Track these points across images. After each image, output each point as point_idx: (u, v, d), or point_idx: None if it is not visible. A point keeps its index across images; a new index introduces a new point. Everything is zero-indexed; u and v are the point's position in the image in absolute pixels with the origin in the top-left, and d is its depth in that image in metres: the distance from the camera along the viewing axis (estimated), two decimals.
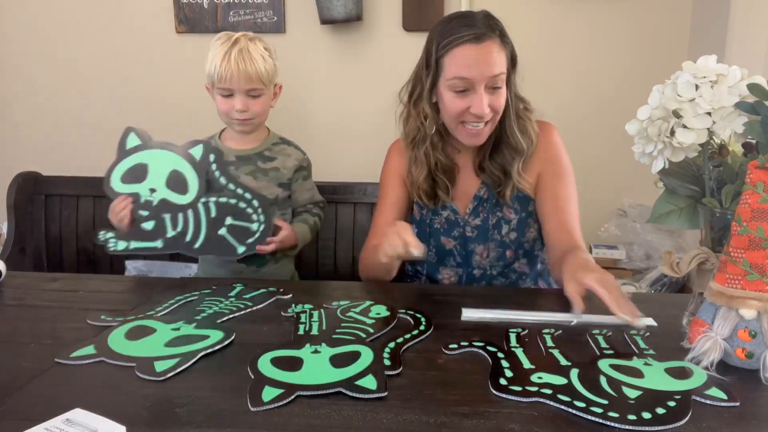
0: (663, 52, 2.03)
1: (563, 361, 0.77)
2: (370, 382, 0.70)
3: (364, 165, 1.67)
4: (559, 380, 0.71)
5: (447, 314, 0.95)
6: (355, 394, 0.68)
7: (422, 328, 0.89)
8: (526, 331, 0.88)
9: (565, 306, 0.98)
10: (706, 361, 0.74)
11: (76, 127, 2.19)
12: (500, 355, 0.79)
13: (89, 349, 0.81)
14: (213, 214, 1.21)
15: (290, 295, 1.04)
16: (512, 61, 1.16)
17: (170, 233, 1.21)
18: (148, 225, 1.20)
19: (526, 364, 0.76)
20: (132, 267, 1.84)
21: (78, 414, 0.62)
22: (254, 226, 1.23)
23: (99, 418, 0.61)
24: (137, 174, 1.21)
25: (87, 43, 2.14)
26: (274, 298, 1.03)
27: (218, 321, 0.92)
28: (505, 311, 0.95)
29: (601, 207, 2.14)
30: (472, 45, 1.09)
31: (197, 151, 1.20)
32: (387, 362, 0.76)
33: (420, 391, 0.70)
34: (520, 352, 0.80)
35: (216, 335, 0.85)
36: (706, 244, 0.86)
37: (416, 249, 1.00)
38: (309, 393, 0.68)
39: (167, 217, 1.20)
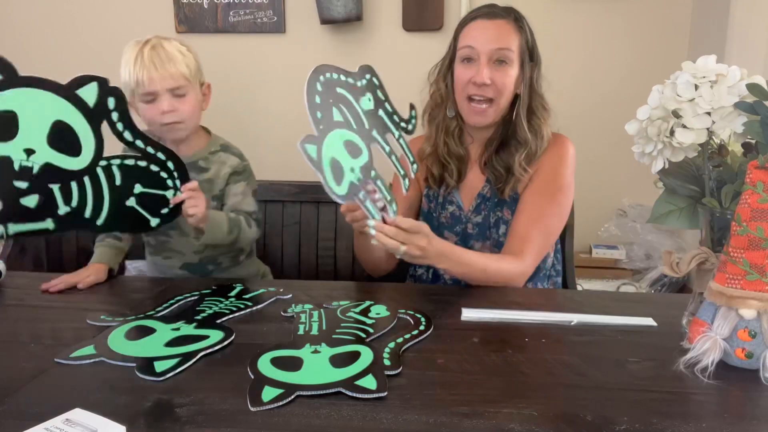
0: (663, 52, 2.03)
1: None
2: (370, 382, 0.70)
3: None
4: None
5: (447, 314, 0.95)
6: (355, 394, 0.68)
7: (422, 328, 0.89)
8: None
9: (566, 306, 0.98)
10: (706, 361, 0.73)
11: None
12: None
13: (89, 349, 0.81)
14: (117, 181, 0.98)
15: (290, 295, 1.04)
16: (530, 55, 1.21)
17: (62, 209, 0.95)
18: (31, 201, 0.92)
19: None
20: (132, 267, 1.84)
21: (78, 414, 0.62)
22: (170, 194, 1.03)
23: (99, 418, 0.61)
24: (2, 128, 0.89)
25: (87, 42, 2.14)
26: (274, 298, 1.03)
27: (218, 321, 0.92)
28: (505, 311, 0.95)
29: (601, 207, 2.15)
30: (483, 20, 1.19)
31: (90, 93, 0.92)
32: (387, 362, 0.76)
33: (420, 391, 0.70)
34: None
35: (216, 335, 0.85)
36: (706, 244, 0.86)
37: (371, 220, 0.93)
38: (309, 393, 0.68)
39: (55, 187, 0.94)
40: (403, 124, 1.05)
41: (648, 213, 0.90)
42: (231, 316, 0.95)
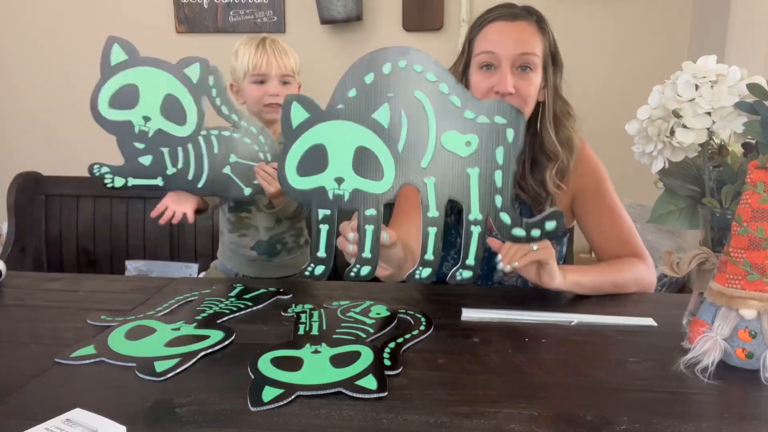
0: (663, 52, 2.03)
1: None
2: (370, 382, 0.70)
3: None
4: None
5: (447, 314, 0.95)
6: (355, 395, 0.68)
7: (422, 328, 0.89)
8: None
9: (566, 306, 0.98)
10: (706, 361, 0.74)
11: (76, 127, 2.19)
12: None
13: (89, 349, 0.81)
14: (215, 149, 1.09)
15: (290, 295, 1.04)
16: (553, 58, 1.11)
17: (170, 170, 1.08)
18: (146, 160, 1.07)
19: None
20: (132, 267, 1.84)
21: (78, 414, 0.62)
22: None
23: (99, 418, 0.61)
24: (127, 98, 1.06)
25: (87, 42, 2.14)
26: (274, 298, 1.03)
27: (218, 321, 0.92)
28: (505, 311, 0.95)
29: None
30: (504, 22, 1.07)
31: (194, 72, 1.08)
32: (387, 362, 0.76)
33: (420, 391, 0.70)
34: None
35: (216, 335, 0.85)
36: (706, 244, 0.86)
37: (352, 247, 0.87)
38: (309, 393, 0.68)
39: (165, 151, 1.07)
40: None
41: (648, 213, 0.90)
42: (231, 316, 0.95)
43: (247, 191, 1.12)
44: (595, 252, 1.19)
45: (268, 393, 0.68)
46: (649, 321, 0.92)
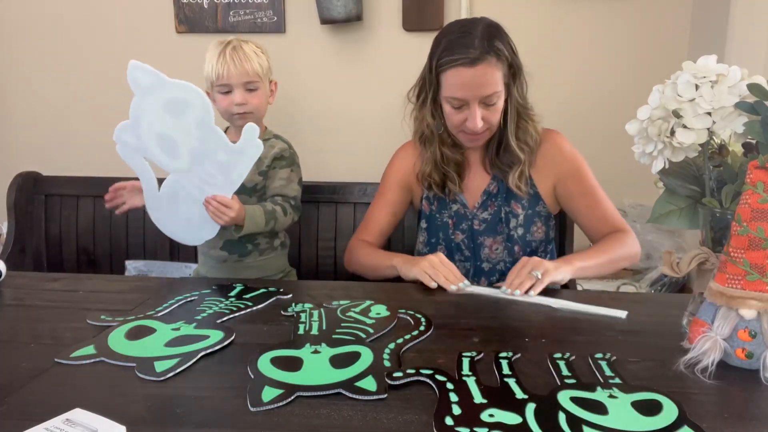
0: (663, 52, 2.02)
1: (519, 394, 0.68)
2: (369, 383, 0.70)
3: (364, 165, 1.67)
4: (513, 419, 0.62)
5: (447, 314, 0.95)
6: (355, 396, 0.68)
7: (422, 328, 0.89)
8: (481, 355, 0.80)
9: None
10: (706, 361, 0.74)
11: (75, 126, 2.19)
12: (449, 386, 0.70)
13: (89, 349, 0.81)
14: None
15: (290, 295, 1.04)
16: (512, 73, 1.20)
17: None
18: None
19: (477, 398, 0.67)
20: (132, 267, 1.84)
21: (78, 414, 0.62)
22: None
23: (99, 418, 0.61)
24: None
25: (87, 42, 2.14)
26: (274, 298, 1.03)
27: (218, 321, 0.92)
28: (486, 288, 1.07)
29: None
30: (465, 68, 1.14)
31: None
32: (387, 363, 0.76)
33: (420, 391, 0.70)
34: (471, 382, 0.71)
35: (216, 335, 0.85)
36: (706, 244, 0.86)
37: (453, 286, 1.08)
38: (309, 393, 0.68)
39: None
40: None
41: (648, 213, 0.90)
42: (231, 316, 0.95)
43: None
44: (584, 230, 1.32)
45: (268, 393, 0.68)
46: (619, 313, 0.95)
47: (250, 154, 1.12)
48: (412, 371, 0.73)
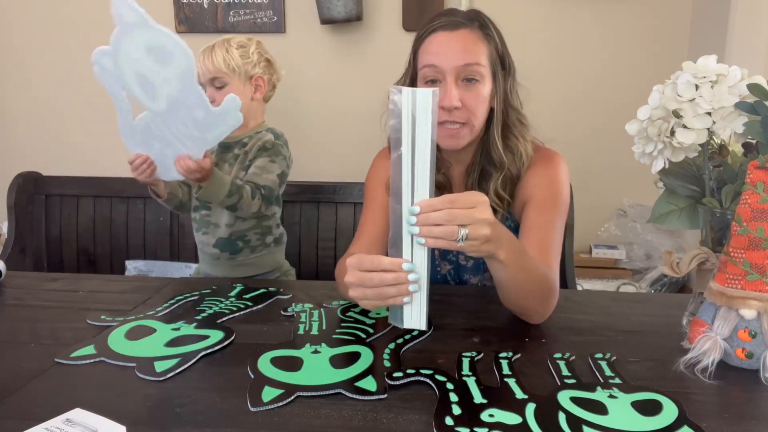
0: (663, 52, 2.03)
1: (519, 394, 0.68)
2: (369, 383, 0.70)
3: (364, 165, 1.67)
4: (513, 419, 0.62)
5: (447, 314, 0.95)
6: (354, 396, 0.68)
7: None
8: (481, 355, 0.79)
9: (564, 307, 0.98)
10: (706, 361, 0.74)
11: (76, 127, 2.19)
12: (449, 386, 0.70)
13: (89, 349, 0.81)
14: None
15: (290, 295, 1.04)
16: (501, 64, 1.04)
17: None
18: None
19: (477, 398, 0.67)
20: (132, 267, 1.84)
21: (78, 414, 0.62)
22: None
23: (99, 418, 0.61)
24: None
25: (87, 42, 2.13)
26: (274, 298, 1.03)
27: (218, 321, 0.92)
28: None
29: (601, 207, 2.15)
30: (444, 32, 1.00)
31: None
32: (387, 363, 0.76)
33: (420, 391, 0.70)
34: (471, 382, 0.71)
35: (216, 335, 0.85)
36: (706, 244, 0.86)
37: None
38: (309, 393, 0.68)
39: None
40: None
41: (648, 213, 0.90)
42: (231, 316, 0.95)
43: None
44: None
45: (268, 393, 0.68)
46: (417, 325, 0.77)
47: (228, 122, 1.13)
48: (412, 371, 0.73)
